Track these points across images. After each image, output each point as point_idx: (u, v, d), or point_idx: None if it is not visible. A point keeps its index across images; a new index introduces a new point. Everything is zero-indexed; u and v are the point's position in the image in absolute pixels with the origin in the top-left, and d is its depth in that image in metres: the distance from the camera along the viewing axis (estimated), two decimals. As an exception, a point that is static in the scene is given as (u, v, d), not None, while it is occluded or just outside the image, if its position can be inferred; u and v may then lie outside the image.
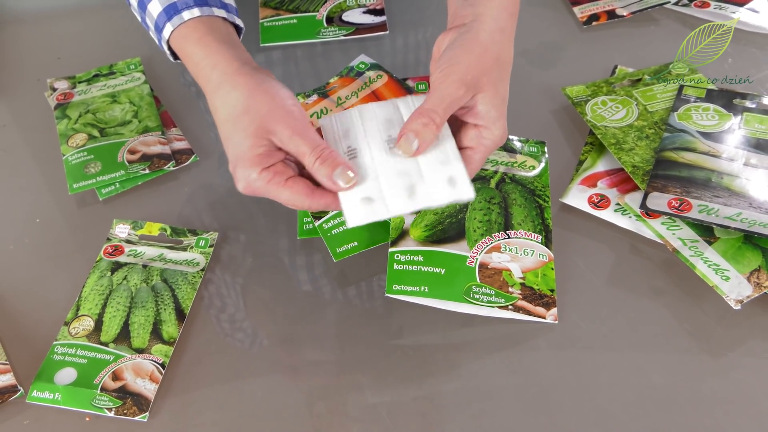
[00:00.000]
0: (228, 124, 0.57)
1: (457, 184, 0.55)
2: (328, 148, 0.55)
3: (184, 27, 0.62)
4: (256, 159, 0.55)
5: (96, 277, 0.67)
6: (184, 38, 0.62)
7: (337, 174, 0.54)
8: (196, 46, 0.61)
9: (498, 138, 0.57)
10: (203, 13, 0.62)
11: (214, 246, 0.70)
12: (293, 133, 0.55)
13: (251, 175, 0.55)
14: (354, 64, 0.83)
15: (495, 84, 0.57)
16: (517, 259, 0.65)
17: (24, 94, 0.87)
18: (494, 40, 0.58)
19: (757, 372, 0.60)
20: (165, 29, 0.63)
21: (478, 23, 0.58)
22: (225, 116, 0.57)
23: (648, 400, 0.59)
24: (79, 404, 0.59)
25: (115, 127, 0.79)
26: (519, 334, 0.63)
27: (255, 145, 0.55)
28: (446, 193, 0.54)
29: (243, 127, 0.56)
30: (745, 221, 0.64)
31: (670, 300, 0.64)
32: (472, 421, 0.58)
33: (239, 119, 0.56)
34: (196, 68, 0.61)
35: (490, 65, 0.56)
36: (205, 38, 0.61)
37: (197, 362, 0.63)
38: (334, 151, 0.55)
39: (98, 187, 0.74)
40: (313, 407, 0.59)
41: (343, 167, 0.54)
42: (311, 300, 0.66)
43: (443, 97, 0.55)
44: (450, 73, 0.55)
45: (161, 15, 0.63)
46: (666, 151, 0.71)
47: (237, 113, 0.56)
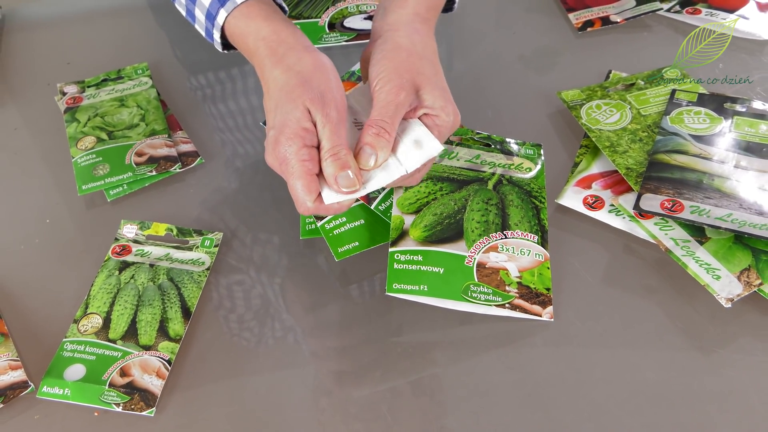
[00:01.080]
0: (282, 93, 0.57)
1: (424, 143, 0.58)
2: (344, 150, 0.56)
3: (245, 6, 0.62)
4: (302, 132, 0.55)
5: (104, 276, 0.67)
6: (246, 16, 0.62)
7: (342, 176, 0.55)
8: (264, 22, 0.61)
9: (452, 121, 0.60)
10: None
11: (219, 246, 0.70)
12: (327, 122, 0.56)
13: (293, 146, 0.55)
14: (355, 69, 0.83)
15: (430, 78, 0.59)
16: (514, 259, 0.65)
17: (35, 98, 0.87)
18: (413, 41, 0.60)
19: (747, 368, 0.60)
20: (219, 16, 0.63)
21: (392, 32, 0.61)
22: (281, 84, 0.57)
23: (641, 395, 0.59)
24: (88, 400, 0.59)
25: (122, 130, 0.79)
26: (516, 331, 0.63)
27: (303, 119, 0.56)
28: (417, 155, 0.58)
29: (295, 97, 0.56)
30: (736, 222, 0.64)
31: (662, 298, 0.64)
32: (470, 416, 0.58)
33: (295, 89, 0.56)
34: (261, 42, 0.61)
35: (417, 64, 0.59)
36: (274, 15, 0.62)
37: (203, 359, 0.62)
38: (349, 155, 0.56)
39: (106, 188, 0.74)
40: (316, 403, 0.59)
41: (351, 173, 0.55)
42: (314, 298, 0.66)
43: (386, 105, 0.57)
44: (385, 82, 0.57)
45: (213, 2, 0.63)
46: (659, 154, 0.71)
47: (294, 84, 0.57)
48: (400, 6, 0.63)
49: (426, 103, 0.59)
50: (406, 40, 0.60)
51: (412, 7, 0.63)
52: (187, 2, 0.67)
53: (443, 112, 0.59)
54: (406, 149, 0.58)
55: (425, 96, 0.58)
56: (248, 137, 0.80)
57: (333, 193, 0.57)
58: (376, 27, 0.63)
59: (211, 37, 0.66)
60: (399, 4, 0.63)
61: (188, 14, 0.68)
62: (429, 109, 0.59)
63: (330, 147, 0.56)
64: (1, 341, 0.63)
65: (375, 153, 0.56)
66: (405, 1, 0.63)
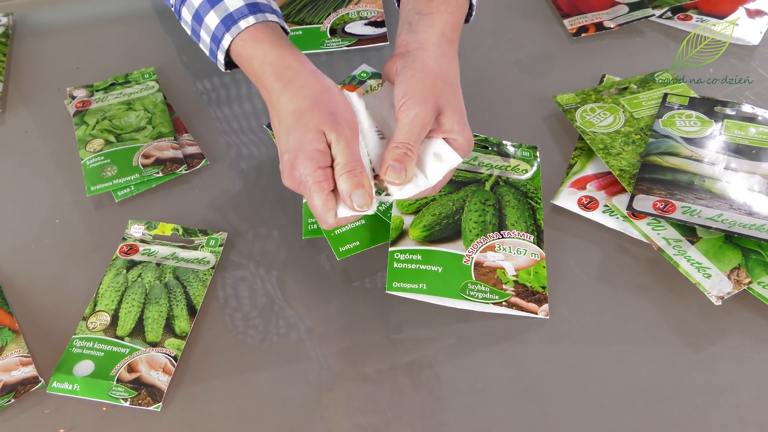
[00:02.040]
0: (292, 117, 0.58)
1: (444, 156, 0.60)
2: (359, 167, 0.56)
3: (252, 30, 0.63)
4: (316, 154, 0.56)
5: (112, 275, 0.67)
6: (253, 40, 0.63)
7: (357, 194, 0.56)
8: (271, 47, 0.62)
9: (465, 145, 0.61)
10: (258, 20, 0.63)
11: (224, 245, 0.70)
12: (341, 140, 0.56)
13: (308, 168, 0.56)
14: (356, 73, 0.83)
15: (451, 103, 0.60)
16: (511, 258, 0.65)
17: (45, 102, 0.87)
18: (441, 65, 0.61)
19: (736, 364, 0.60)
20: (224, 39, 0.63)
21: (422, 51, 0.61)
22: (291, 109, 0.58)
23: (634, 390, 0.59)
24: (97, 395, 0.59)
25: (130, 133, 0.79)
26: (512, 329, 0.63)
27: (316, 140, 0.56)
28: (439, 167, 0.60)
29: (306, 121, 0.57)
30: (726, 222, 0.64)
31: (654, 296, 0.64)
32: (468, 410, 0.58)
33: (305, 113, 0.57)
34: (268, 67, 0.61)
35: (442, 88, 0.60)
36: (280, 41, 0.62)
37: (208, 355, 0.63)
38: (363, 173, 0.57)
39: (114, 189, 0.74)
40: (319, 398, 0.59)
41: (364, 192, 0.56)
42: (316, 296, 0.66)
43: (413, 128, 0.58)
44: (413, 104, 0.58)
45: (219, 26, 0.63)
46: (651, 156, 0.71)
47: (304, 108, 0.57)
48: (429, 25, 0.63)
49: (445, 127, 0.60)
50: (434, 62, 0.60)
51: (440, 26, 0.63)
52: (193, 23, 0.67)
53: (461, 136, 0.60)
54: (428, 163, 0.60)
55: (445, 120, 0.59)
56: (252, 140, 0.81)
57: (347, 209, 0.58)
58: (403, 41, 0.63)
59: (215, 57, 0.67)
60: (427, 23, 0.63)
61: (193, 34, 0.69)
62: (448, 133, 0.60)
63: (345, 163, 0.56)
64: (13, 338, 0.63)
65: (404, 170, 0.57)
66: (433, 19, 0.63)
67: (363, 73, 0.83)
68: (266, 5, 0.65)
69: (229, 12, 0.63)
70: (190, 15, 0.67)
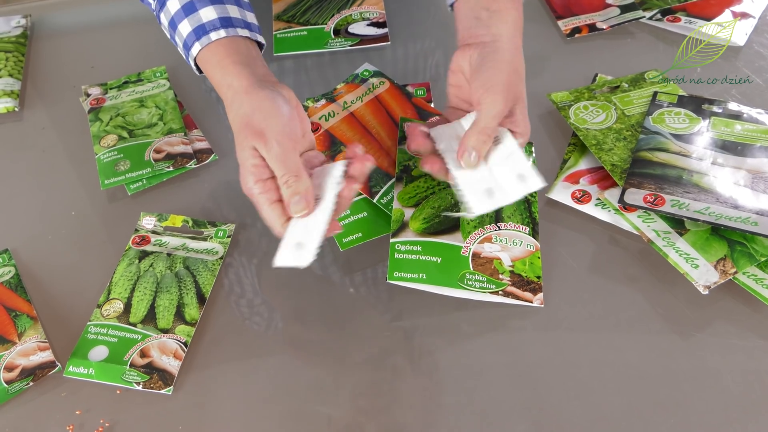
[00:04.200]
0: (235, 136, 0.59)
1: (527, 178, 0.59)
2: (293, 176, 0.56)
3: (207, 50, 0.63)
4: (252, 169, 0.57)
5: (125, 264, 0.67)
6: (206, 60, 0.63)
7: (293, 201, 0.56)
8: (216, 68, 0.62)
9: (527, 137, 0.63)
10: (228, 33, 0.63)
11: (232, 236, 0.70)
12: (273, 155, 0.56)
13: (249, 182, 0.57)
14: (359, 72, 0.83)
15: (522, 96, 0.62)
16: (507, 249, 0.65)
17: (61, 99, 0.87)
18: (515, 57, 0.62)
19: (721, 351, 0.60)
20: (193, 48, 0.63)
21: (499, 44, 0.62)
22: (234, 129, 0.59)
23: (623, 376, 0.59)
24: (111, 378, 0.59)
25: (142, 129, 0.79)
26: (508, 317, 0.63)
27: (251, 156, 0.57)
28: (521, 188, 0.59)
29: (242, 140, 0.58)
30: (713, 215, 0.63)
31: (644, 286, 0.64)
32: (464, 394, 0.58)
33: (240, 133, 0.58)
34: (217, 87, 0.63)
35: (517, 80, 0.61)
36: (224, 61, 0.62)
37: (217, 342, 0.63)
38: (299, 179, 0.56)
39: (127, 183, 0.74)
40: (322, 383, 0.59)
41: (300, 198, 0.56)
42: (320, 285, 0.66)
43: (493, 116, 0.59)
44: (495, 93, 0.59)
45: (190, 35, 0.63)
46: (642, 151, 0.70)
47: (240, 127, 0.58)
48: (502, 21, 0.63)
49: (516, 119, 0.61)
50: (510, 55, 0.62)
51: (512, 22, 0.63)
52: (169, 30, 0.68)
53: (525, 128, 0.62)
54: (510, 181, 0.59)
55: (518, 112, 0.61)
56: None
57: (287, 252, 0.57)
58: (474, 34, 0.63)
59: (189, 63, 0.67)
60: (500, 18, 0.63)
61: (171, 39, 0.69)
62: (516, 125, 0.61)
63: (281, 175, 0.57)
64: (31, 324, 0.63)
65: (478, 154, 0.59)
66: (504, 15, 0.63)
67: (365, 72, 0.82)
68: (239, 20, 0.65)
69: (202, 23, 0.63)
70: (167, 21, 0.67)
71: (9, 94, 0.86)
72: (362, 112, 0.78)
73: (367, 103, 0.78)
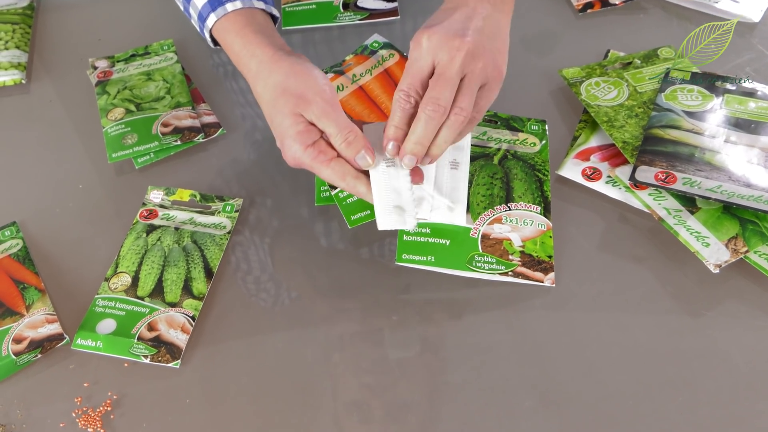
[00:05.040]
0: (269, 107, 0.57)
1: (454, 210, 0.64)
2: (353, 132, 0.55)
3: (225, 19, 0.61)
4: (298, 136, 0.55)
5: (133, 238, 0.67)
6: (225, 30, 0.62)
7: (360, 157, 0.55)
8: (237, 37, 0.60)
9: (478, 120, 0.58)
10: (244, 5, 0.61)
11: (239, 211, 0.69)
12: (322, 114, 0.55)
13: (297, 151, 0.55)
14: (368, 43, 0.81)
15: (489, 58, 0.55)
16: (517, 229, 0.64)
17: (68, 72, 0.86)
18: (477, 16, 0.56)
19: (731, 330, 0.59)
20: (209, 19, 0.62)
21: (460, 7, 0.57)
22: (267, 99, 0.57)
23: (632, 354, 0.58)
24: (119, 351, 0.59)
25: (149, 103, 0.78)
26: (517, 295, 0.62)
27: (294, 123, 0.55)
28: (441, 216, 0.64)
29: (281, 108, 0.55)
30: (725, 193, 0.62)
31: (654, 264, 0.63)
32: (472, 371, 0.58)
33: (278, 101, 0.56)
34: (237, 57, 0.61)
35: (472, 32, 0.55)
36: (244, 30, 0.60)
37: (224, 316, 0.62)
38: (359, 135, 0.55)
39: (134, 156, 0.74)
40: (329, 358, 0.59)
41: (365, 152, 0.55)
42: (328, 261, 0.66)
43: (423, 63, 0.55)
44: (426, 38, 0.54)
45: (205, 6, 0.62)
46: (653, 129, 0.69)
47: (275, 96, 0.56)
48: None
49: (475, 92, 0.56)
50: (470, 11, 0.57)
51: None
52: (183, 1, 0.67)
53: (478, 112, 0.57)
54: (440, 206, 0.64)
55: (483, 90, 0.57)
56: (267, 110, 0.79)
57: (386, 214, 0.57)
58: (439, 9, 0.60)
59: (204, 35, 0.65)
60: None
61: (185, 10, 0.68)
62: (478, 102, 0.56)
63: (336, 134, 0.55)
64: (39, 297, 0.63)
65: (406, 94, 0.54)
66: None
67: (375, 43, 0.81)
68: None
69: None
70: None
71: (16, 66, 0.85)
72: (371, 85, 0.76)
73: (376, 77, 0.77)
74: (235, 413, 0.57)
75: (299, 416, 0.56)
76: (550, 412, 0.55)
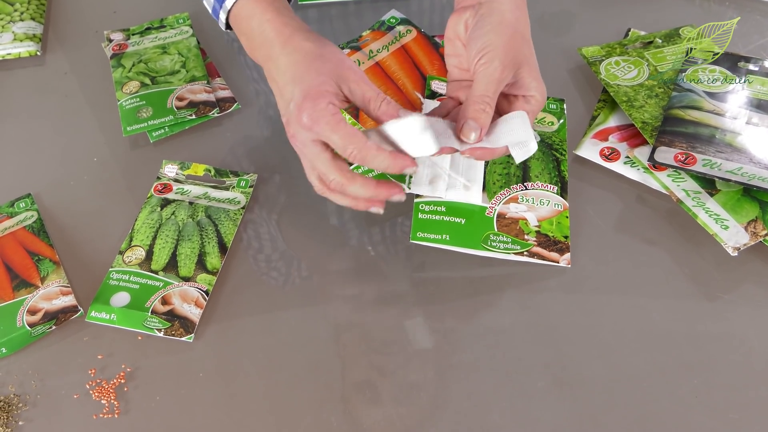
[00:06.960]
0: (300, 66, 0.54)
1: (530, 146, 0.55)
2: (388, 98, 0.53)
3: None
4: (326, 93, 0.52)
5: (147, 212, 0.66)
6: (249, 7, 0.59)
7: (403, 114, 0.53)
8: (270, 5, 0.58)
9: (542, 101, 0.56)
10: None
11: (254, 186, 0.68)
12: (361, 80, 0.53)
13: (319, 105, 0.52)
14: (385, 18, 0.80)
15: (528, 58, 0.55)
16: (533, 209, 0.63)
17: (83, 45, 0.85)
18: (517, 18, 0.56)
19: (748, 313, 0.58)
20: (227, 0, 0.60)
21: (497, 3, 0.56)
22: (296, 59, 0.54)
23: (647, 336, 0.57)
24: (132, 324, 0.59)
25: (164, 76, 0.77)
26: (532, 275, 0.61)
27: (326, 83, 0.53)
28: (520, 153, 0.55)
29: (316, 68, 0.53)
30: (745, 175, 0.61)
31: (672, 246, 0.62)
32: (486, 350, 0.57)
33: (313, 62, 0.54)
34: (267, 24, 0.57)
35: (520, 43, 0.55)
36: (268, 8, 0.58)
37: (238, 292, 0.62)
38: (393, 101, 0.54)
39: (149, 130, 0.73)
40: (339, 337, 0.59)
41: (404, 111, 0.53)
42: (340, 238, 0.65)
43: (491, 82, 0.54)
44: (492, 58, 0.53)
45: None
46: (674, 109, 0.68)
47: (311, 57, 0.54)
48: None
49: (525, 83, 0.55)
50: (511, 15, 0.55)
51: None
52: None
53: (538, 92, 0.56)
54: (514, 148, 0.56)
55: (525, 77, 0.55)
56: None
57: None
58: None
59: (217, 16, 0.63)
60: None
61: None
62: (525, 90, 0.56)
63: (376, 95, 0.53)
64: (53, 269, 0.63)
65: (479, 127, 0.54)
66: None
67: (392, 19, 0.79)
68: None
69: None
70: None
71: (31, 38, 0.84)
72: (388, 62, 0.75)
73: (393, 53, 0.76)
74: (247, 388, 0.56)
75: (311, 393, 0.56)
76: (563, 393, 0.55)
